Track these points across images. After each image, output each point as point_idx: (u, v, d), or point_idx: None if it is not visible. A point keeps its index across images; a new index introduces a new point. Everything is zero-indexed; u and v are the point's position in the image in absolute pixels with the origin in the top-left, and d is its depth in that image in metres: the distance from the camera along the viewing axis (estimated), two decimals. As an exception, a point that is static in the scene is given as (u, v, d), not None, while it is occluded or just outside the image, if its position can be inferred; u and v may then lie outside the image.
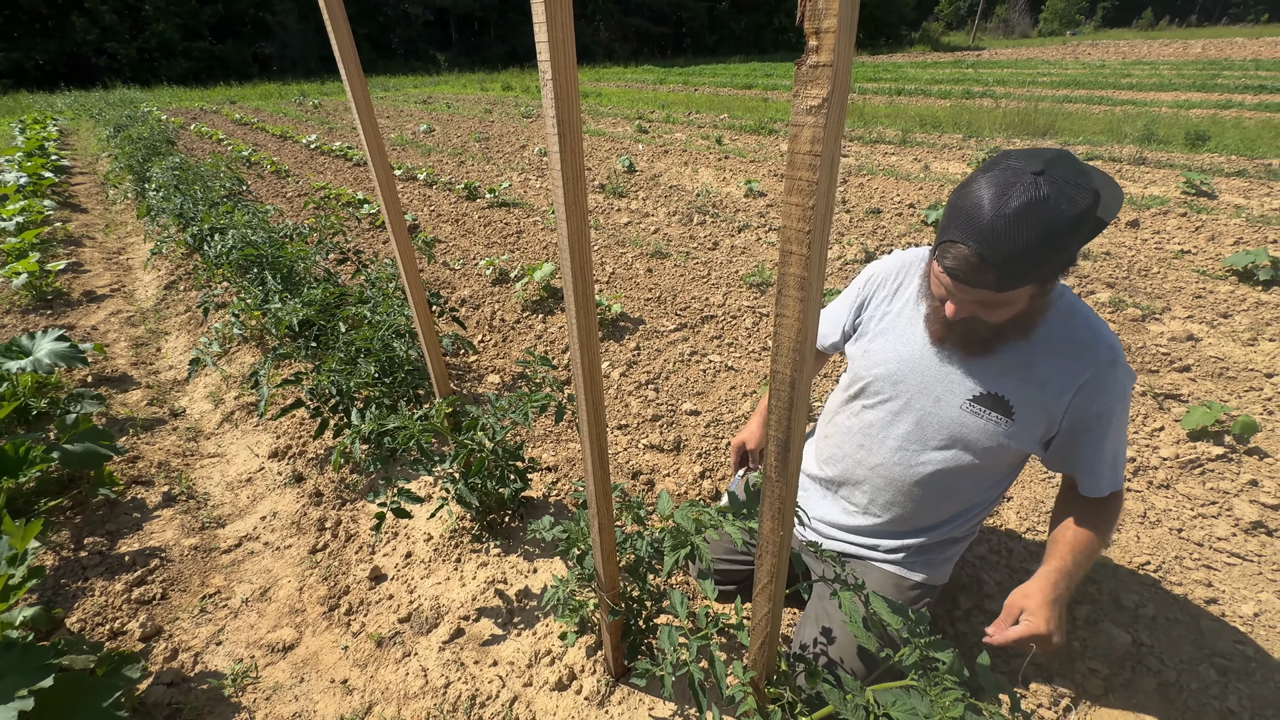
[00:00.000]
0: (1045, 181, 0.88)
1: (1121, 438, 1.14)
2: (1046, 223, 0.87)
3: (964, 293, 1.00)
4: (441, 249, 4.87)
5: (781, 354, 0.69)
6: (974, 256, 0.92)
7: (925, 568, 1.38)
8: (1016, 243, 0.89)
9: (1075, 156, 0.94)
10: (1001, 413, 1.14)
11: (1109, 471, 1.15)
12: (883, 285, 1.32)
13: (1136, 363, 2.82)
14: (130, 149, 7.27)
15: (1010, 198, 0.89)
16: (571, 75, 0.79)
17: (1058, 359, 1.10)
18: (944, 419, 1.20)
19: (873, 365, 1.29)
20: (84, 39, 29.33)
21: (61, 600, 1.87)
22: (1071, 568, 1.14)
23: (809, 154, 0.56)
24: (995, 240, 0.90)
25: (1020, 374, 1.13)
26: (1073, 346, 1.10)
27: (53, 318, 3.92)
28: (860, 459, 1.35)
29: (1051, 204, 0.87)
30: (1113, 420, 1.11)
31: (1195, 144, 6.84)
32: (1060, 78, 15.33)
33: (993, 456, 1.19)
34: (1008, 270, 0.91)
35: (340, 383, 2.27)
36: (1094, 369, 1.08)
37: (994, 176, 0.93)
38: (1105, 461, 1.14)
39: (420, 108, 15.65)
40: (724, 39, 48.82)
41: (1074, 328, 1.11)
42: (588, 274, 0.93)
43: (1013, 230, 0.88)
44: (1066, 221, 0.88)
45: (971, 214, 0.92)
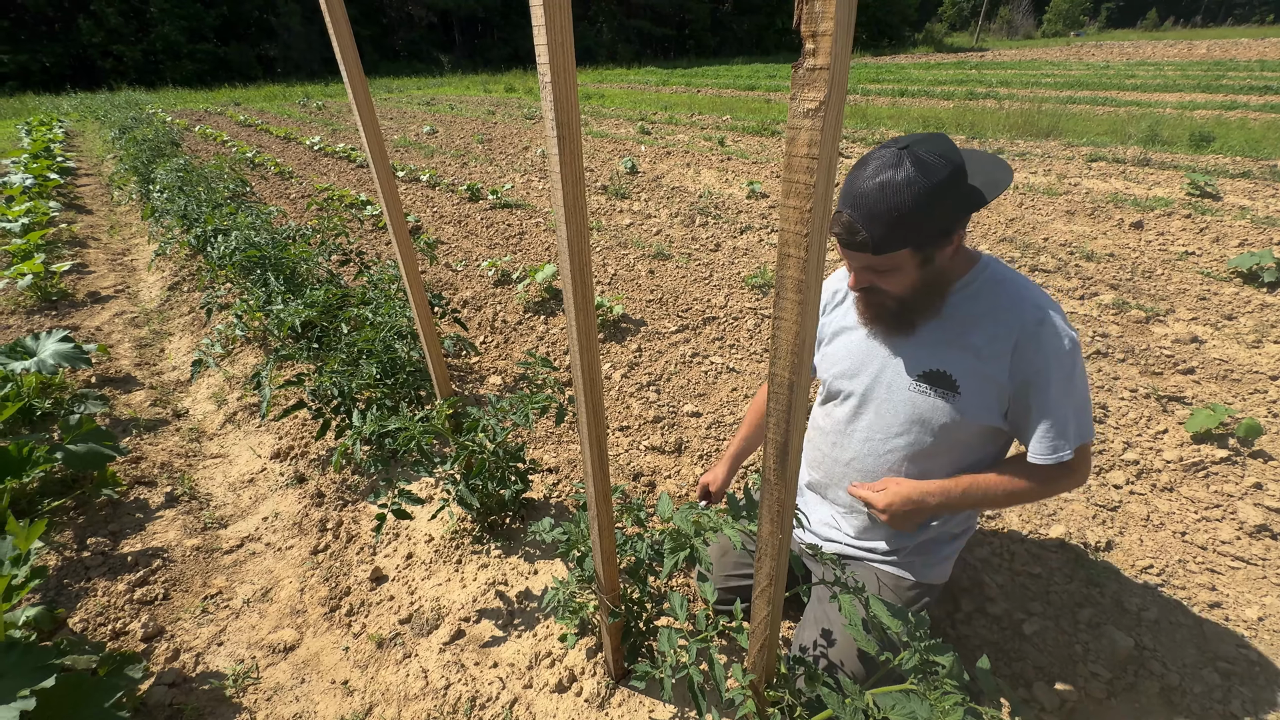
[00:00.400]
0: (906, 155, 1.00)
1: (1066, 402, 1.11)
2: (903, 189, 0.99)
3: (852, 258, 1.12)
4: (444, 250, 4.88)
5: (780, 357, 0.69)
6: (846, 219, 1.04)
7: (924, 567, 1.38)
8: (877, 205, 1.00)
9: (949, 139, 1.04)
10: (946, 387, 1.18)
11: (1049, 436, 1.12)
12: (834, 294, 1.41)
13: (1140, 365, 2.81)
14: (135, 151, 7.31)
15: (874, 168, 1.02)
16: (570, 78, 0.79)
17: (988, 326, 1.14)
18: (898, 403, 1.24)
19: (831, 366, 1.36)
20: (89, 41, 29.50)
21: (64, 600, 1.88)
22: (957, 493, 1.19)
23: (806, 157, 0.56)
24: (859, 203, 1.02)
25: (956, 347, 1.17)
26: (1000, 312, 1.13)
27: (57, 318, 3.94)
28: (836, 457, 1.38)
29: (907, 172, 0.99)
30: (1051, 382, 1.10)
31: (1200, 145, 6.81)
32: (1064, 79, 15.29)
33: (952, 434, 1.21)
34: (875, 232, 1.02)
35: (342, 384, 2.27)
36: (1020, 331, 1.11)
37: (873, 153, 1.05)
38: (1046, 424, 1.12)
39: (423, 109, 15.70)
40: (726, 40, 48.87)
41: (1000, 294, 1.15)
42: (587, 276, 0.93)
43: (874, 194, 1.00)
44: (923, 189, 0.98)
45: (848, 184, 1.05)
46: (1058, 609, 1.69)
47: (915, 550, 1.37)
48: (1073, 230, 4.55)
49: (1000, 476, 1.19)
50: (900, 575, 1.38)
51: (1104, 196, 5.17)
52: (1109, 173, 5.97)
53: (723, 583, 1.60)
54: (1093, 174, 5.99)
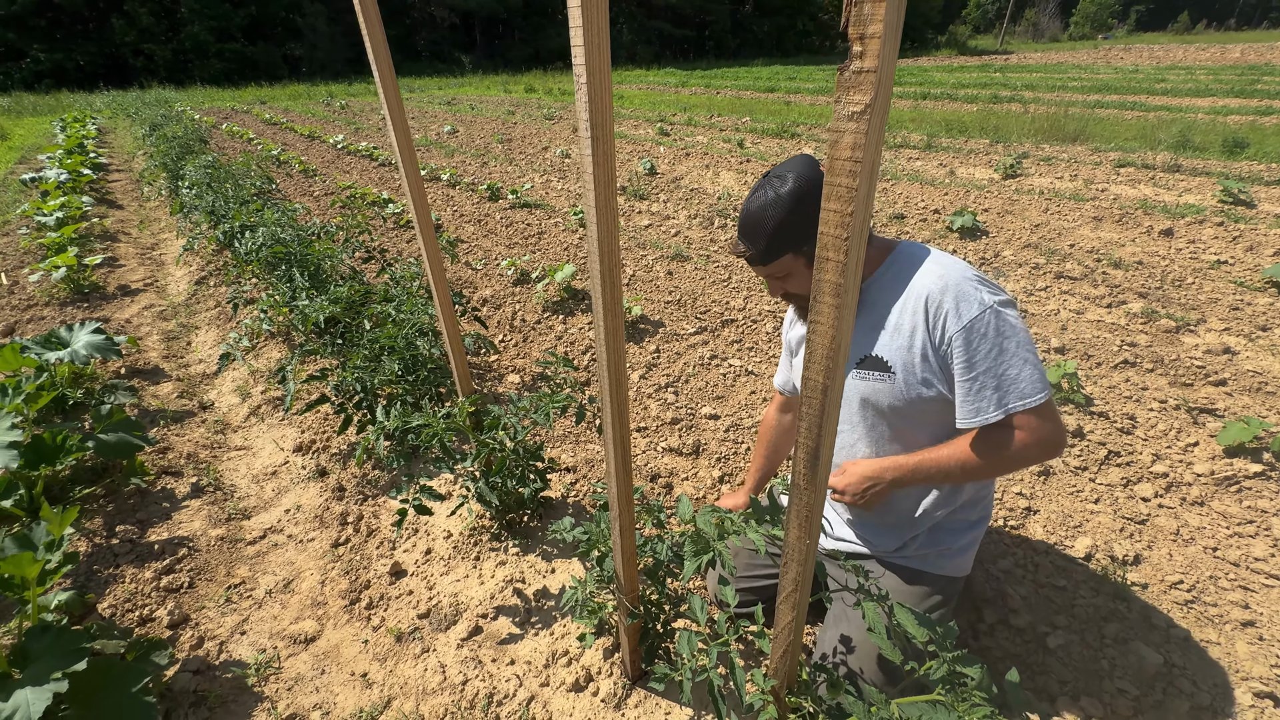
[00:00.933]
0: (768, 180, 1.20)
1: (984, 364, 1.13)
2: (767, 206, 1.18)
3: (758, 271, 1.28)
4: (464, 249, 4.92)
5: (814, 361, 0.69)
6: (738, 241, 1.26)
7: (939, 559, 1.37)
8: (753, 223, 1.20)
9: (810, 159, 1.20)
10: (881, 369, 1.25)
11: (970, 399, 1.15)
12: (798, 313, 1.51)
13: (1169, 375, 2.75)
14: (165, 147, 7.47)
15: (750, 197, 1.23)
16: (606, 79, 0.79)
17: (903, 304, 1.22)
18: (848, 394, 1.32)
19: (797, 373, 1.45)
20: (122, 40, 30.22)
21: (94, 586, 1.92)
22: (909, 466, 1.24)
23: (849, 160, 0.56)
24: (743, 226, 1.23)
25: (881, 329, 1.25)
26: (911, 287, 1.21)
27: (89, 310, 4.04)
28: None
29: (768, 193, 1.18)
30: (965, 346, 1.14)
31: (1233, 151, 6.64)
32: (1091, 82, 15.01)
33: (903, 414, 1.26)
34: (758, 245, 1.21)
35: (365, 379, 2.30)
36: (928, 301, 1.17)
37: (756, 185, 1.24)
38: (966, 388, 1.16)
39: (444, 109, 15.85)
40: (746, 42, 48.69)
41: (909, 271, 1.23)
42: (617, 278, 0.94)
43: (750, 215, 1.21)
44: (781, 202, 1.16)
45: (741, 213, 1.25)
46: (1083, 623, 1.66)
47: (926, 541, 1.37)
48: (1100, 237, 4.46)
49: (949, 447, 1.22)
50: (918, 569, 1.38)
51: (1132, 203, 5.07)
52: (1138, 178, 5.85)
53: (743, 583, 1.60)
54: (1121, 180, 5.87)
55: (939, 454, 1.23)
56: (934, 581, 1.37)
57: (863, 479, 1.27)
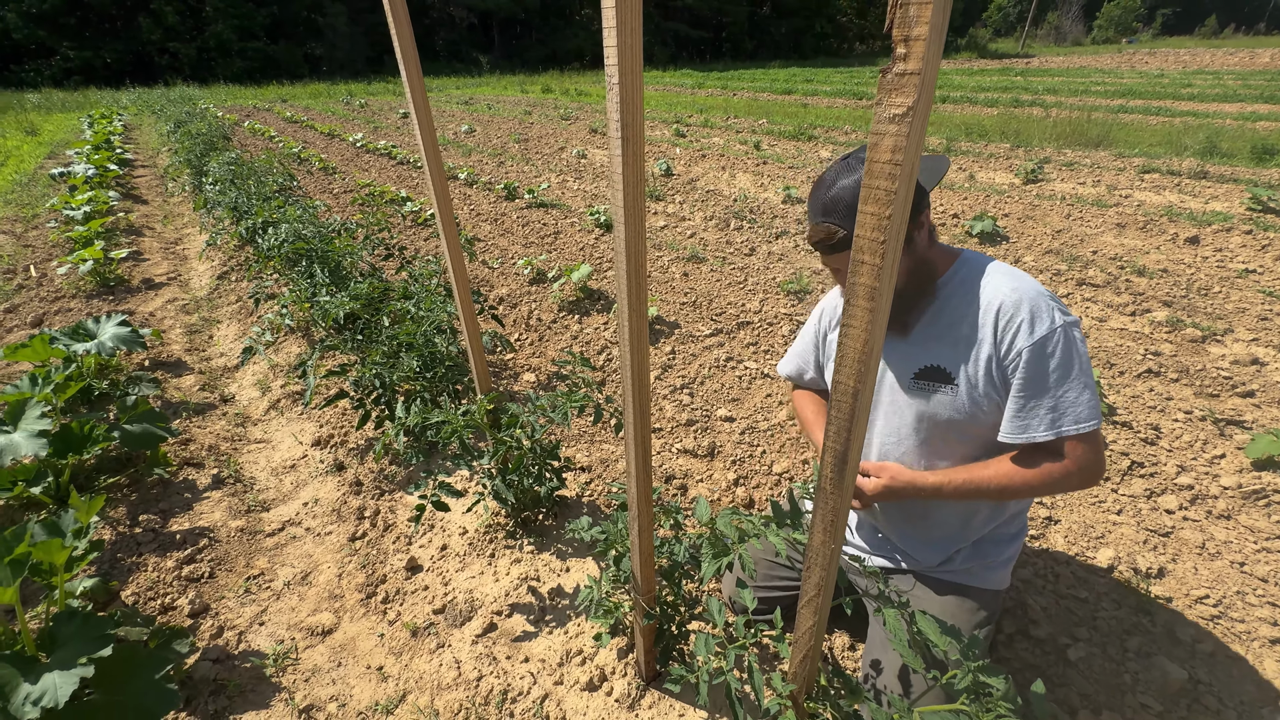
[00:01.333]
0: (853, 159, 1.12)
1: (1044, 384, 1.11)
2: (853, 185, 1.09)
3: (834, 262, 1.19)
4: (481, 247, 4.95)
5: (846, 364, 0.68)
6: (822, 225, 1.14)
7: (984, 571, 1.35)
8: (844, 204, 1.11)
9: None
10: (943, 381, 1.21)
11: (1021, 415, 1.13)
12: (835, 312, 1.46)
13: (1195, 386, 2.70)
14: (189, 144, 7.59)
15: (835, 175, 1.14)
16: (637, 80, 0.79)
17: (971, 315, 1.17)
18: (902, 404, 1.27)
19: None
20: (148, 39, 30.79)
21: (117, 574, 1.96)
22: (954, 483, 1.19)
23: (889, 163, 0.55)
24: (830, 208, 1.13)
25: (946, 341, 1.20)
26: (981, 299, 1.17)
27: (114, 303, 4.12)
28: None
29: (852, 170, 1.11)
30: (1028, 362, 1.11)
31: (1262, 158, 6.50)
32: (1115, 87, 14.79)
33: (959, 428, 1.22)
34: (850, 226, 1.08)
35: (384, 375, 2.32)
36: (998, 314, 1.13)
37: (820, 175, 1.18)
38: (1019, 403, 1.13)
39: (462, 108, 15.96)
40: (764, 44, 48.51)
41: (979, 282, 1.18)
42: (643, 279, 0.93)
43: (838, 196, 1.12)
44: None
45: (813, 199, 1.17)
46: (1105, 635, 1.63)
47: (970, 555, 1.34)
48: (1123, 244, 4.39)
49: (992, 463, 1.20)
50: (963, 583, 1.35)
51: (1157, 210, 4.98)
52: (1163, 185, 5.75)
53: (759, 593, 1.59)
54: (1145, 186, 5.77)
55: (979, 473, 1.19)
56: (979, 596, 1.34)
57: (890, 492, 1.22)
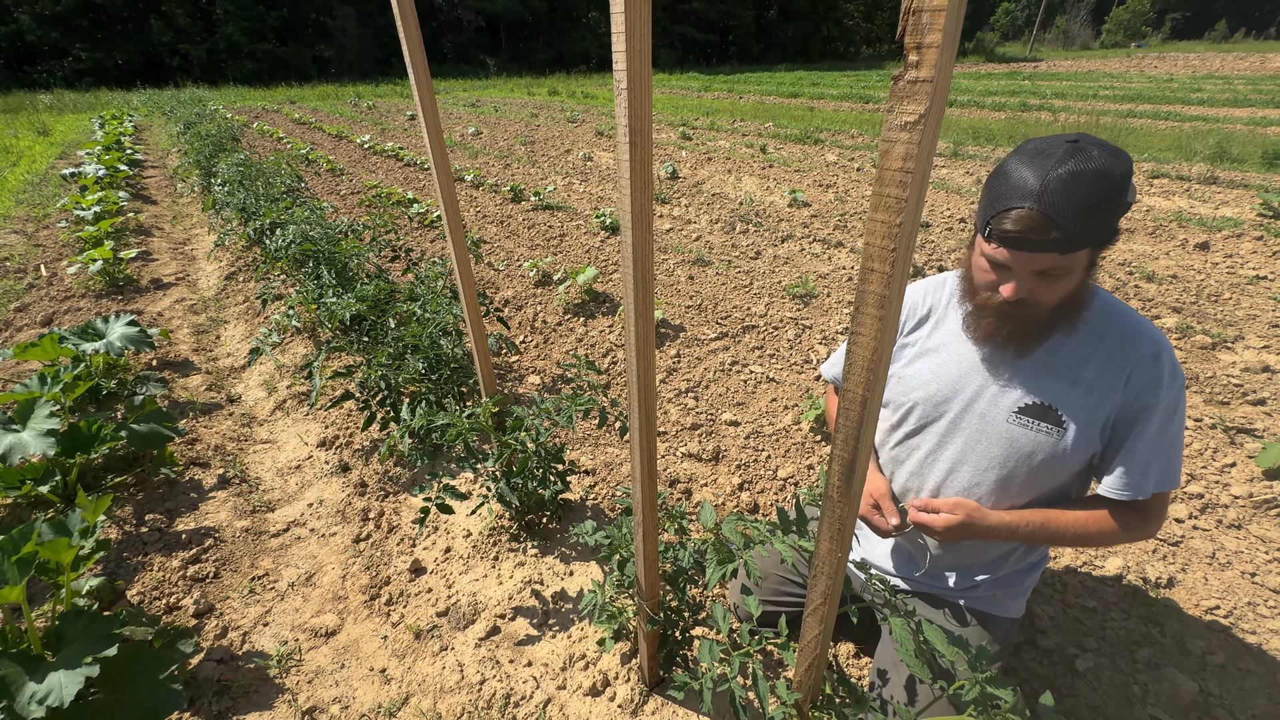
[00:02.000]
0: (1085, 144, 0.94)
1: (1160, 442, 1.06)
2: (1099, 178, 0.91)
3: (1026, 262, 0.99)
4: (486, 249, 4.96)
5: (854, 372, 0.68)
6: (1037, 215, 0.93)
7: (1006, 599, 1.29)
8: (1077, 196, 0.92)
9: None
10: (1051, 423, 1.10)
11: (1131, 472, 1.08)
12: (912, 312, 1.30)
13: (1205, 393, 2.67)
14: (198, 145, 7.65)
15: (1059, 160, 0.93)
16: (646, 85, 0.78)
17: (1101, 357, 1.07)
18: (992, 435, 1.15)
19: (912, 389, 1.25)
20: (159, 40, 31.09)
21: (123, 573, 1.97)
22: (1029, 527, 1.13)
23: (900, 170, 0.55)
24: (1055, 196, 0.92)
25: (1066, 380, 1.09)
26: (1115, 343, 1.07)
27: (123, 303, 4.15)
28: (911, 486, 1.28)
29: (1099, 162, 0.92)
30: (1152, 419, 1.05)
31: (1273, 163, 6.46)
32: (1124, 91, 14.72)
33: (1049, 471, 1.12)
34: (1071, 226, 0.92)
35: (389, 377, 2.33)
36: (1134, 364, 1.05)
37: (1030, 151, 0.97)
38: (1131, 460, 1.07)
39: (469, 110, 16.03)
40: (770, 47, 48.55)
41: (1112, 324, 1.08)
42: (649, 284, 0.93)
43: (1070, 185, 0.92)
44: (1116, 178, 0.92)
45: (1022, 182, 0.95)
46: (1114, 646, 1.62)
47: (994, 584, 1.28)
48: (1132, 249, 4.36)
49: (1073, 513, 1.13)
50: (984, 612, 1.29)
51: (1166, 215, 4.94)
52: (1172, 190, 5.71)
53: (763, 605, 1.57)
54: (1154, 191, 5.73)
55: (1061, 519, 1.13)
56: (999, 625, 1.29)
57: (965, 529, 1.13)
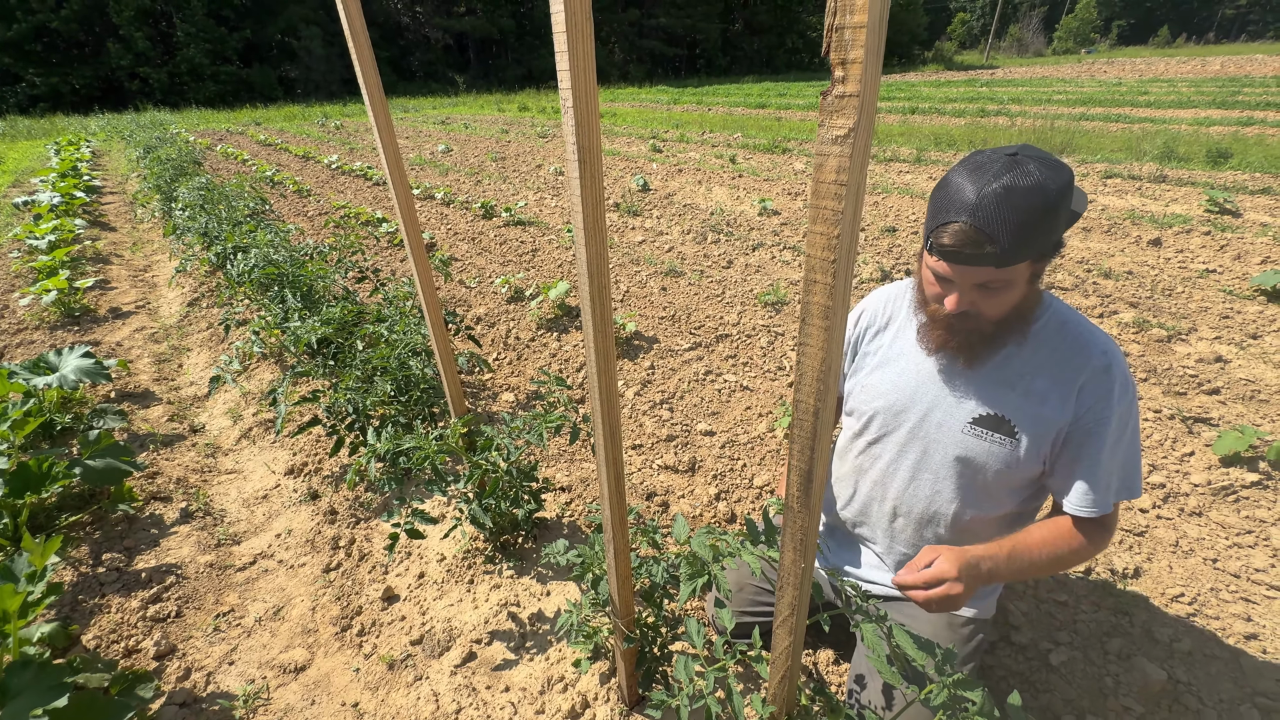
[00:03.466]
0: (1023, 159, 0.95)
1: (1117, 454, 1.06)
2: (1033, 193, 0.92)
3: (964, 275, 1.01)
4: (458, 267, 4.93)
5: (805, 383, 0.68)
6: (971, 230, 0.95)
7: (977, 599, 1.30)
8: (1009, 210, 0.93)
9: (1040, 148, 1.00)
10: (1004, 433, 1.11)
11: (1095, 489, 1.07)
12: (874, 320, 1.31)
13: (1163, 385, 2.76)
14: (158, 169, 7.48)
15: (995, 175, 0.94)
16: (592, 102, 0.79)
17: (1054, 370, 1.08)
18: (949, 445, 1.17)
19: (873, 399, 1.27)
20: (118, 64, 30.45)
21: (79, 617, 1.88)
22: (1004, 557, 1.08)
23: (834, 183, 0.55)
24: (983, 210, 0.93)
25: (1019, 390, 1.10)
26: (1067, 354, 1.08)
27: (80, 334, 4.01)
28: (875, 495, 1.30)
29: (1034, 177, 0.93)
30: (1108, 431, 1.05)
31: (1217, 161, 6.75)
32: (1076, 96, 15.27)
33: (1005, 479, 1.15)
34: (1005, 240, 0.93)
35: (356, 401, 2.28)
36: (1086, 375, 1.06)
37: (970, 165, 0.98)
38: (1094, 475, 1.06)
39: (438, 128, 15.98)
40: (737, 60, 49.46)
41: (1066, 335, 1.09)
42: (606, 299, 0.93)
43: (1004, 199, 0.93)
44: (1051, 193, 0.93)
45: (959, 196, 0.96)
46: (1085, 639, 1.64)
47: None
48: (1089, 247, 4.50)
49: (1042, 535, 1.11)
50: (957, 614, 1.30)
51: (1120, 213, 5.12)
52: (1125, 189, 5.93)
53: (739, 617, 1.55)
54: (1108, 191, 5.94)
55: (1031, 542, 1.10)
56: (973, 626, 1.30)
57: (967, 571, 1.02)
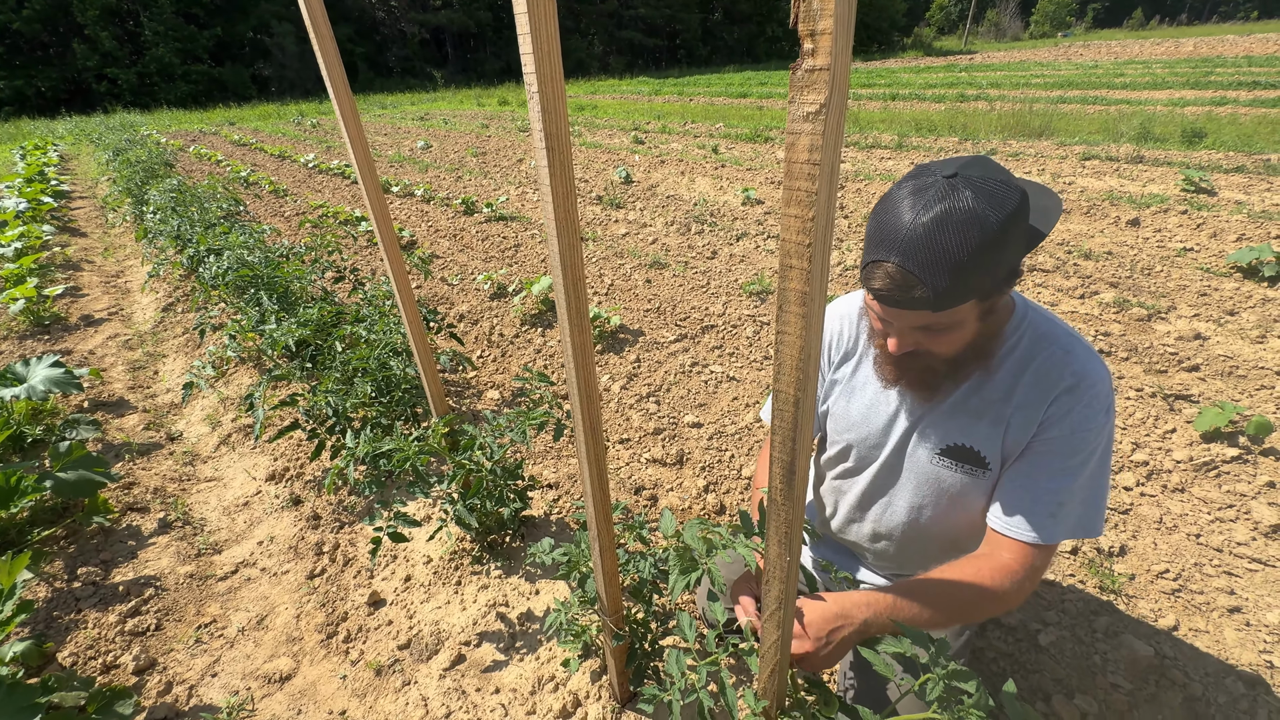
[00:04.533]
0: (961, 183, 0.81)
1: (1065, 483, 0.94)
2: (969, 226, 0.79)
3: (900, 318, 0.89)
4: (439, 265, 4.86)
5: (784, 373, 0.66)
6: (899, 272, 0.82)
7: None
8: (940, 249, 0.79)
9: (995, 161, 0.86)
10: (974, 464, 1.03)
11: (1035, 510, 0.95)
12: (840, 343, 1.20)
13: (1144, 363, 2.78)
14: (128, 172, 7.30)
15: (927, 204, 0.81)
16: (559, 87, 0.76)
17: (1024, 393, 0.96)
18: (921, 476, 1.10)
19: (844, 430, 1.20)
20: (84, 65, 29.67)
21: (53, 633, 1.83)
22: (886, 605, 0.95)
23: (807, 163, 0.53)
24: (917, 250, 0.80)
25: (988, 419, 1.00)
26: (1039, 375, 0.96)
27: (50, 343, 3.91)
28: (854, 517, 1.27)
29: (970, 206, 0.79)
30: (1059, 452, 0.94)
31: (1192, 141, 6.83)
32: (1053, 79, 15.40)
33: (978, 504, 1.08)
34: (939, 283, 0.80)
35: (336, 403, 2.23)
36: (1055, 393, 0.95)
37: (909, 187, 0.84)
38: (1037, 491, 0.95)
39: (417, 124, 15.76)
40: (717, 49, 49.29)
41: (1038, 354, 0.96)
42: (581, 291, 0.90)
43: (935, 235, 0.79)
44: (990, 225, 0.79)
45: (889, 227, 0.83)
46: (1073, 618, 1.65)
47: None
48: (1069, 229, 4.53)
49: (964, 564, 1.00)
50: None
51: (1099, 195, 5.17)
52: (1103, 171, 5.98)
53: (732, 611, 1.54)
54: (1087, 172, 5.99)
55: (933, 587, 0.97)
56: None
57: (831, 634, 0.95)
